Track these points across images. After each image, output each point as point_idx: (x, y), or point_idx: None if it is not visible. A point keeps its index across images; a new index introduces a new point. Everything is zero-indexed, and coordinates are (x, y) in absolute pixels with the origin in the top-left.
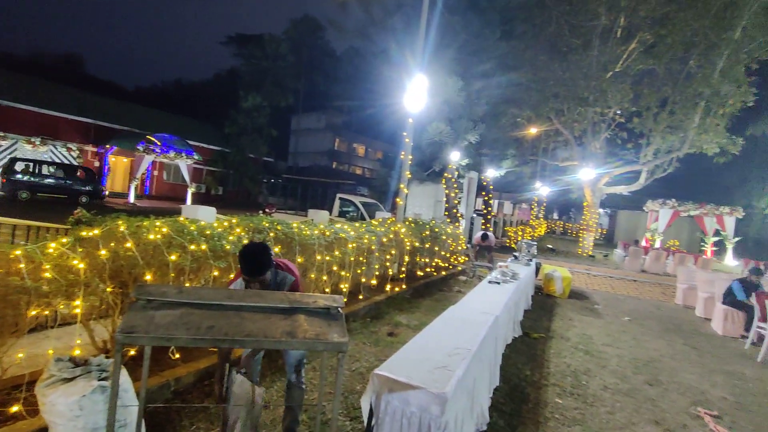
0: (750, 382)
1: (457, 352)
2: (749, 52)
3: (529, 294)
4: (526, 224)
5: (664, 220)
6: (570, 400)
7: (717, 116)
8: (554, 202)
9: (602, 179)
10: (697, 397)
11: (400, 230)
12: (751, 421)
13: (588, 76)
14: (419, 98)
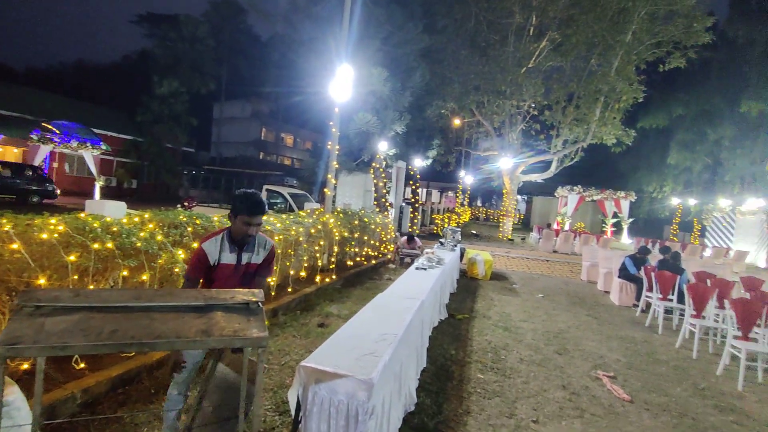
0: (639, 345)
1: (384, 338)
2: (638, 54)
3: (454, 278)
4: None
5: (572, 205)
6: (490, 374)
7: (614, 110)
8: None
9: (519, 168)
10: (597, 361)
11: (329, 221)
12: (638, 378)
13: (505, 71)
14: (345, 88)
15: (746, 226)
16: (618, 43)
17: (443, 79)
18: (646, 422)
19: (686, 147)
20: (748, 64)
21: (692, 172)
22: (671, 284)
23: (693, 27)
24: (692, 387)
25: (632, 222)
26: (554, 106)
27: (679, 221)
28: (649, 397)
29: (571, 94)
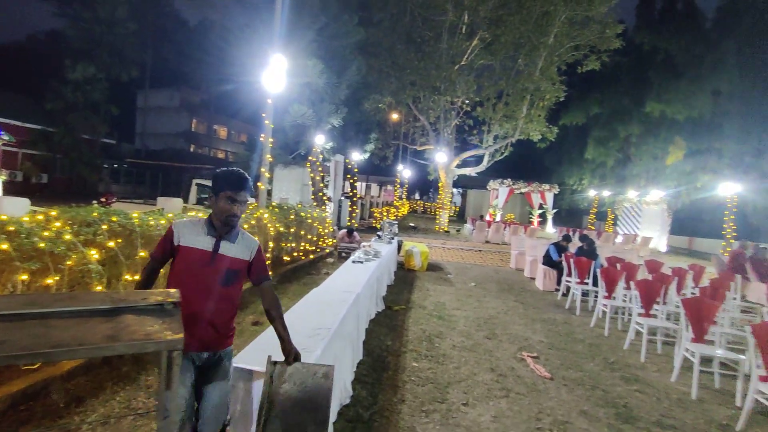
0: (559, 326)
1: (317, 333)
2: (560, 55)
3: (391, 270)
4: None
5: (503, 197)
6: (425, 362)
7: (539, 108)
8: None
9: (453, 162)
10: (522, 343)
11: (263, 216)
12: (558, 356)
13: (439, 67)
14: (278, 79)
15: (650, 215)
16: (542, 45)
17: (380, 73)
18: (563, 397)
19: (601, 143)
20: (652, 70)
21: (606, 167)
22: (587, 269)
23: (606, 33)
24: (603, 361)
25: (556, 213)
26: (485, 102)
27: (596, 211)
28: (567, 373)
29: (500, 91)
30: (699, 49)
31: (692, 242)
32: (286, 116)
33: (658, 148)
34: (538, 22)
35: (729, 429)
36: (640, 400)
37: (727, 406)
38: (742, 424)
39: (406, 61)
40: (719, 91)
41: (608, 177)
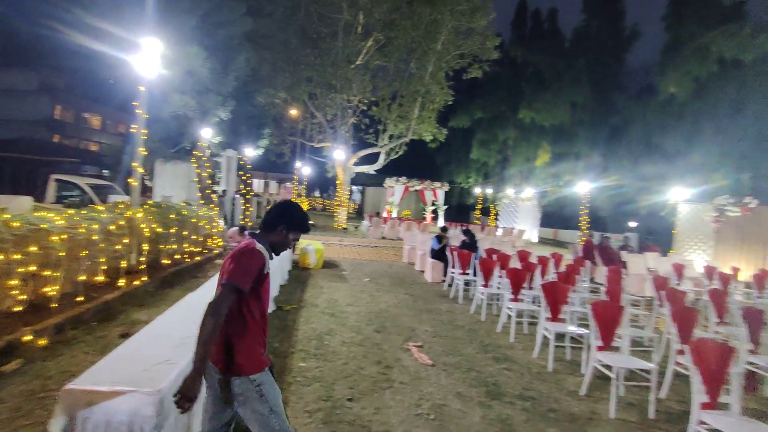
0: (443, 315)
1: (186, 342)
2: (447, 62)
3: (285, 269)
4: None
5: (398, 195)
6: (313, 361)
7: (429, 110)
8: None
9: (351, 159)
10: (409, 334)
11: (137, 215)
12: (441, 343)
13: (335, 65)
14: (152, 64)
15: (525, 210)
16: (431, 50)
17: (274, 66)
18: (442, 381)
19: (484, 145)
20: (524, 81)
21: (489, 166)
22: (468, 260)
23: (486, 44)
24: (479, 345)
25: (447, 209)
26: (381, 102)
27: (481, 207)
28: (447, 359)
29: (395, 92)
30: (560, 65)
31: (557, 234)
32: (165, 106)
33: (530, 151)
34: (428, 28)
35: (575, 394)
36: (507, 377)
37: (575, 375)
38: (584, 388)
39: (301, 57)
40: (576, 103)
41: (491, 176)
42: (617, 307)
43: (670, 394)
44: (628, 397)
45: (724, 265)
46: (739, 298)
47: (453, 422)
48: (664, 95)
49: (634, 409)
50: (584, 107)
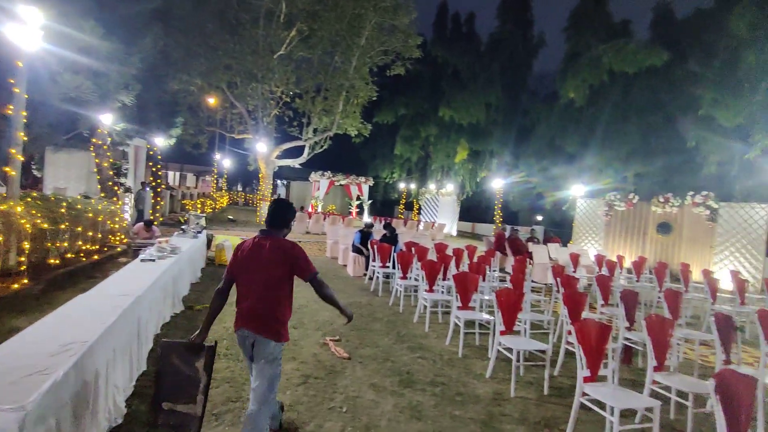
0: (363, 308)
1: (67, 349)
2: (372, 57)
3: (197, 267)
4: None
5: (323, 189)
6: (223, 361)
7: (353, 105)
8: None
9: (274, 152)
10: (327, 328)
11: (15, 209)
12: (358, 336)
13: (256, 53)
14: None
15: (445, 204)
16: (355, 45)
17: (188, 51)
18: (358, 374)
19: (407, 141)
20: (444, 80)
21: (412, 162)
22: (388, 254)
23: (408, 42)
24: (396, 336)
25: (372, 203)
26: (305, 95)
27: (404, 202)
28: (364, 351)
29: (319, 85)
30: (476, 67)
31: (475, 227)
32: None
33: (449, 148)
34: (351, 22)
35: (481, 377)
36: (421, 365)
37: (483, 359)
38: (489, 371)
39: (219, 42)
40: (490, 104)
41: (414, 171)
42: (519, 294)
43: (562, 370)
44: (527, 376)
45: (612, 253)
46: (622, 283)
47: (365, 413)
48: (565, 100)
49: (531, 387)
50: (498, 108)
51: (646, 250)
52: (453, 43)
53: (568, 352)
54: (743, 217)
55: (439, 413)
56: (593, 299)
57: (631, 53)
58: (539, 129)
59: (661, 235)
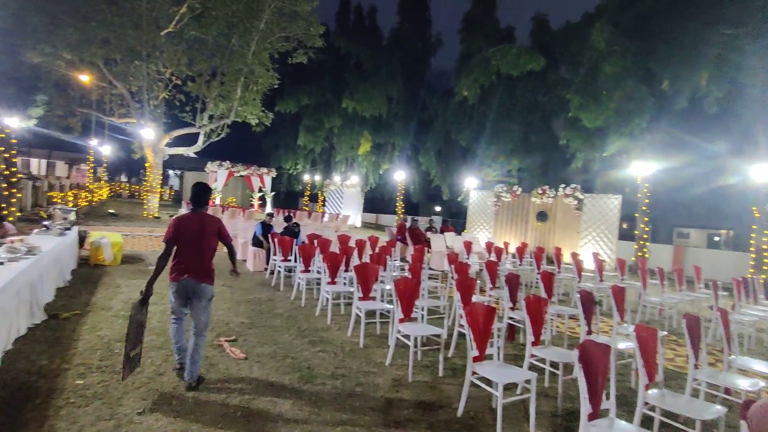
0: (263, 304)
1: None
2: (272, 43)
3: (66, 268)
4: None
5: (222, 180)
6: (95, 375)
7: (253, 92)
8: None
9: (163, 139)
10: (223, 328)
11: None
12: (256, 334)
13: (139, 28)
14: None
15: (350, 196)
16: (254, 28)
17: (53, 19)
18: (255, 374)
19: (310, 132)
20: (347, 71)
21: (316, 153)
22: (290, 247)
23: (311, 30)
24: (297, 331)
25: (275, 195)
26: (198, 78)
27: (309, 193)
28: (262, 349)
29: (215, 68)
30: (379, 60)
31: (378, 218)
32: None
33: (353, 140)
34: (249, 4)
35: (381, 365)
36: (322, 358)
37: (383, 348)
38: (389, 359)
39: (92, 12)
40: (392, 97)
41: (318, 163)
42: (417, 282)
43: (456, 352)
44: (424, 360)
45: (500, 240)
46: (508, 267)
47: (261, 415)
48: (459, 98)
49: (428, 370)
50: (399, 102)
51: (527, 236)
52: (356, 35)
53: (460, 334)
54: (602, 206)
55: (338, 406)
56: (483, 283)
57: (514, 57)
58: (437, 124)
59: (539, 222)
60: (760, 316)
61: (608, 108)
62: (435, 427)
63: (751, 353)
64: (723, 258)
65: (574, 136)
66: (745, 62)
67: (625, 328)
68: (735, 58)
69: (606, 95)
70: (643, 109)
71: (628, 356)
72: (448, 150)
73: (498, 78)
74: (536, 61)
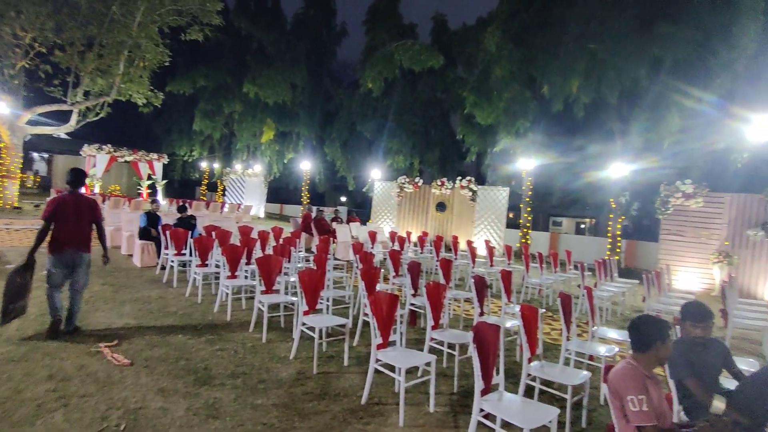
0: (153, 303)
1: None
2: (161, 16)
3: None
4: None
5: (102, 165)
6: None
7: (139, 68)
8: None
9: (23, 116)
10: (103, 333)
11: None
12: (145, 337)
13: None
14: None
15: (252, 185)
16: None
17: None
18: (142, 381)
19: (207, 116)
20: (249, 54)
21: (214, 139)
22: (184, 240)
23: (207, 6)
24: (192, 330)
25: (168, 184)
26: (69, 47)
27: (207, 182)
28: (151, 353)
29: (92, 38)
30: (282, 46)
31: (283, 208)
32: None
33: (255, 127)
34: None
35: (285, 359)
36: (221, 357)
37: (287, 342)
38: (293, 352)
39: None
40: (296, 85)
41: (217, 150)
42: (321, 273)
43: (360, 340)
44: (330, 351)
45: (403, 230)
46: (410, 255)
47: (150, 425)
48: (364, 89)
49: (333, 360)
50: (304, 90)
51: (428, 225)
52: (258, 17)
53: (365, 322)
54: (492, 197)
55: (239, 406)
56: (387, 271)
57: (416, 53)
58: (342, 114)
59: (439, 213)
60: (614, 291)
61: (498, 107)
62: (339, 417)
63: (609, 324)
64: (588, 243)
65: (469, 132)
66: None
67: (512, 308)
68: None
69: (497, 95)
70: (526, 111)
71: (513, 333)
72: (353, 141)
73: (401, 72)
74: (436, 59)
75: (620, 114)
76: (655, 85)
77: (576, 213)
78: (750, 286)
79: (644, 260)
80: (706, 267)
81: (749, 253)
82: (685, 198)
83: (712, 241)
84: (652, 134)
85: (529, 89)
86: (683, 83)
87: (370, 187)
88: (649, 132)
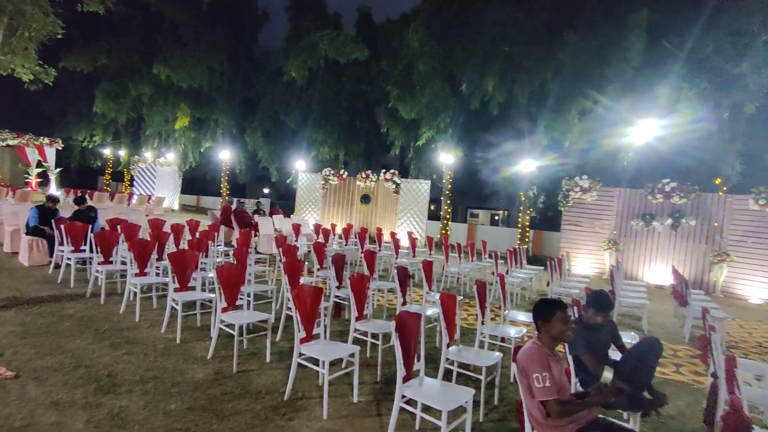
0: (45, 306)
1: None
2: None
3: None
4: None
5: None
6: None
7: (24, 39)
8: None
9: None
10: None
11: None
12: (34, 345)
13: None
14: None
15: (164, 175)
16: None
17: None
18: (30, 394)
19: (111, 98)
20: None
21: (119, 124)
22: (83, 235)
23: None
24: (94, 334)
25: (62, 172)
26: None
27: (111, 171)
28: (42, 362)
29: None
30: (198, 27)
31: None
32: None
33: (168, 112)
34: None
35: (202, 359)
36: (128, 362)
37: (204, 340)
38: (211, 352)
39: None
40: (215, 69)
41: (123, 135)
42: (242, 267)
43: (284, 335)
44: (251, 348)
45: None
46: (335, 247)
47: None
48: (288, 78)
49: (254, 358)
50: (222, 75)
51: (353, 217)
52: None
53: (288, 316)
54: (415, 190)
55: (149, 413)
56: (311, 264)
57: (341, 44)
58: (265, 103)
59: (363, 205)
60: (523, 278)
61: (421, 102)
62: (261, 415)
63: (518, 307)
64: (501, 233)
65: (393, 125)
66: (518, 76)
67: (433, 296)
68: (512, 72)
69: (419, 90)
70: (447, 106)
71: (434, 320)
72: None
73: (326, 62)
74: (361, 51)
75: (529, 114)
76: (558, 87)
77: (491, 205)
78: (633, 269)
79: (549, 248)
80: (598, 254)
81: (632, 240)
82: (582, 192)
83: (604, 231)
84: (555, 133)
85: (449, 86)
86: (582, 88)
87: (294, 178)
88: (552, 131)
